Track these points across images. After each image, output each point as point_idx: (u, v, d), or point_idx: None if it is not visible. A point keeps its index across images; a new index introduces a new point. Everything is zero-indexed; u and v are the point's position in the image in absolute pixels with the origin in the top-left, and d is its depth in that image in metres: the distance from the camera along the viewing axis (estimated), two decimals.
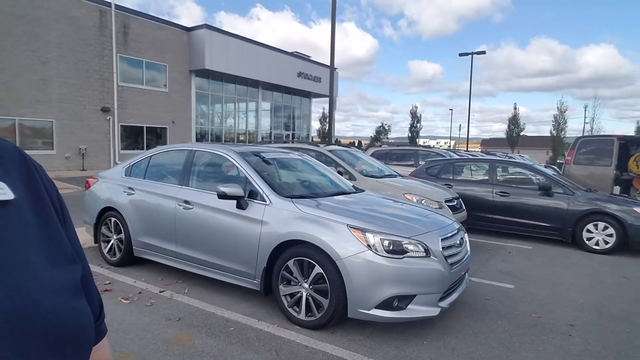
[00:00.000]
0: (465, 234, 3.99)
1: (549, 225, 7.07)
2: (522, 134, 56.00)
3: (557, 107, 49.61)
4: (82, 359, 0.52)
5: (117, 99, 18.44)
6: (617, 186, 9.42)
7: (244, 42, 23.37)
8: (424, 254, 3.26)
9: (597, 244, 6.69)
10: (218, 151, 4.46)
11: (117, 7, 18.19)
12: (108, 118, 18.22)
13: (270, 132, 28.41)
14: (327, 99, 34.94)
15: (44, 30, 15.76)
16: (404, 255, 3.20)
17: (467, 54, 26.71)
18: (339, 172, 6.06)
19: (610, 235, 6.58)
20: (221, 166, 4.52)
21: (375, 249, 3.17)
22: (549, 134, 52.53)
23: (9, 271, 0.45)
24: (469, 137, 33.00)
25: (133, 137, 19.73)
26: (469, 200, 7.49)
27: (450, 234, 3.60)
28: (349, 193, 4.51)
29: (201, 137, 23.44)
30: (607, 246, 6.60)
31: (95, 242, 5.25)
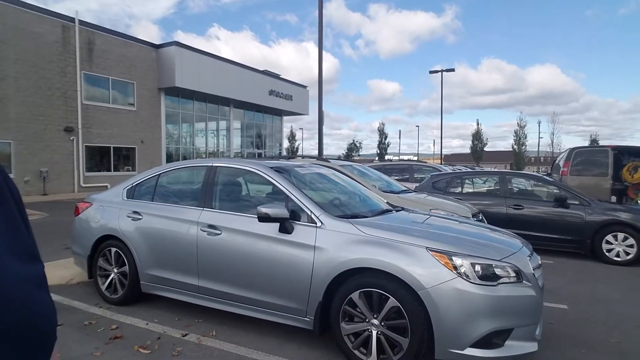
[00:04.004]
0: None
1: (568, 237, 6.86)
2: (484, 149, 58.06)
3: (517, 123, 51.87)
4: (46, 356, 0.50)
5: (81, 118, 17.22)
6: (613, 196, 9.49)
7: (214, 59, 22.71)
8: (516, 279, 2.82)
9: (617, 255, 6.52)
10: (246, 167, 3.87)
11: (82, 22, 17.17)
12: (72, 138, 16.94)
13: (242, 150, 27.64)
14: (296, 117, 34.66)
15: (1, 46, 14.51)
16: (498, 281, 2.74)
17: (437, 72, 27.33)
18: None
19: (631, 246, 6.44)
20: (250, 184, 3.93)
21: (467, 276, 2.69)
22: (503, 149, 54.80)
23: None
24: (431, 153, 33.67)
25: (98, 158, 18.43)
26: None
27: (530, 254, 3.19)
28: (392, 211, 4.02)
29: (169, 158, 22.31)
30: (628, 257, 6.45)
31: (90, 277, 4.46)
